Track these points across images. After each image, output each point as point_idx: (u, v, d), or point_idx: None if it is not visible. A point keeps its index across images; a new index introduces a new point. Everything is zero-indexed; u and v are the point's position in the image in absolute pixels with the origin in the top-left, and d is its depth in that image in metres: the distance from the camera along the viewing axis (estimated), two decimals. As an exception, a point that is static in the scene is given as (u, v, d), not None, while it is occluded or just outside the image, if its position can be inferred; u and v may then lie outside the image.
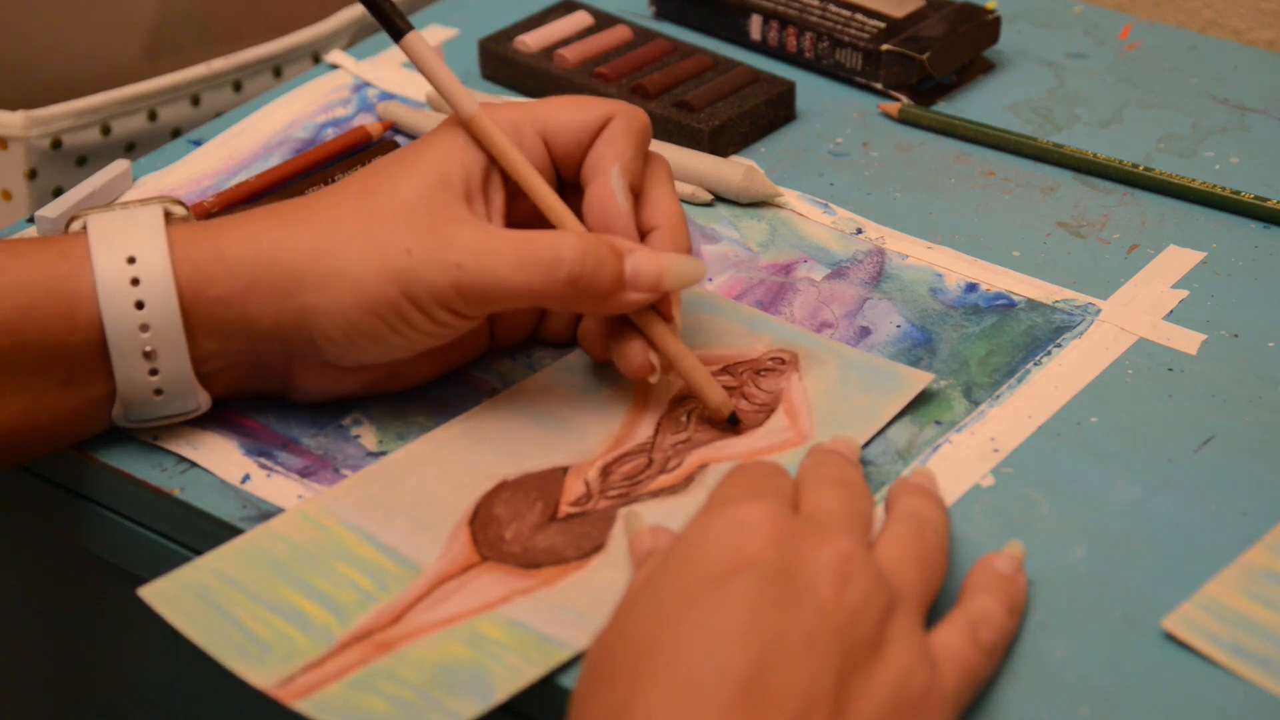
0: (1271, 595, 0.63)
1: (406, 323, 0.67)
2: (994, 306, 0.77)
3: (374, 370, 0.70)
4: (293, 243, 0.67)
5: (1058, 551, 0.65)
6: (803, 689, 0.54)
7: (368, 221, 0.67)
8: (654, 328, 0.70)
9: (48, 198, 0.96)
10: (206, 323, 0.67)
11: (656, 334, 0.70)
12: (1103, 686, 0.60)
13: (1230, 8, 1.07)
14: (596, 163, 0.70)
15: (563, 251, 0.67)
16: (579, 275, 0.67)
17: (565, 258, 0.67)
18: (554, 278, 0.67)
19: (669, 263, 0.69)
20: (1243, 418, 0.71)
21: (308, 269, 0.67)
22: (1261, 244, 0.80)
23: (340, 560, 0.65)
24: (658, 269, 0.68)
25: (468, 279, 0.66)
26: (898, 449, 0.70)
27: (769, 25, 0.93)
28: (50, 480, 0.72)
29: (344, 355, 0.68)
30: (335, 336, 0.67)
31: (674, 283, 0.69)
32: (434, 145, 0.69)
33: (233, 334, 0.68)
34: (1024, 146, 0.86)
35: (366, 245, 0.67)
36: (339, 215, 0.68)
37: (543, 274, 0.67)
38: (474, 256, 0.66)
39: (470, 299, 0.67)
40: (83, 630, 0.80)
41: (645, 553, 0.63)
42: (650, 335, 0.70)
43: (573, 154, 0.71)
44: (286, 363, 0.69)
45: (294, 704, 0.60)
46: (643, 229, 0.71)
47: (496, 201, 0.70)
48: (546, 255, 0.67)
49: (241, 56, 1.01)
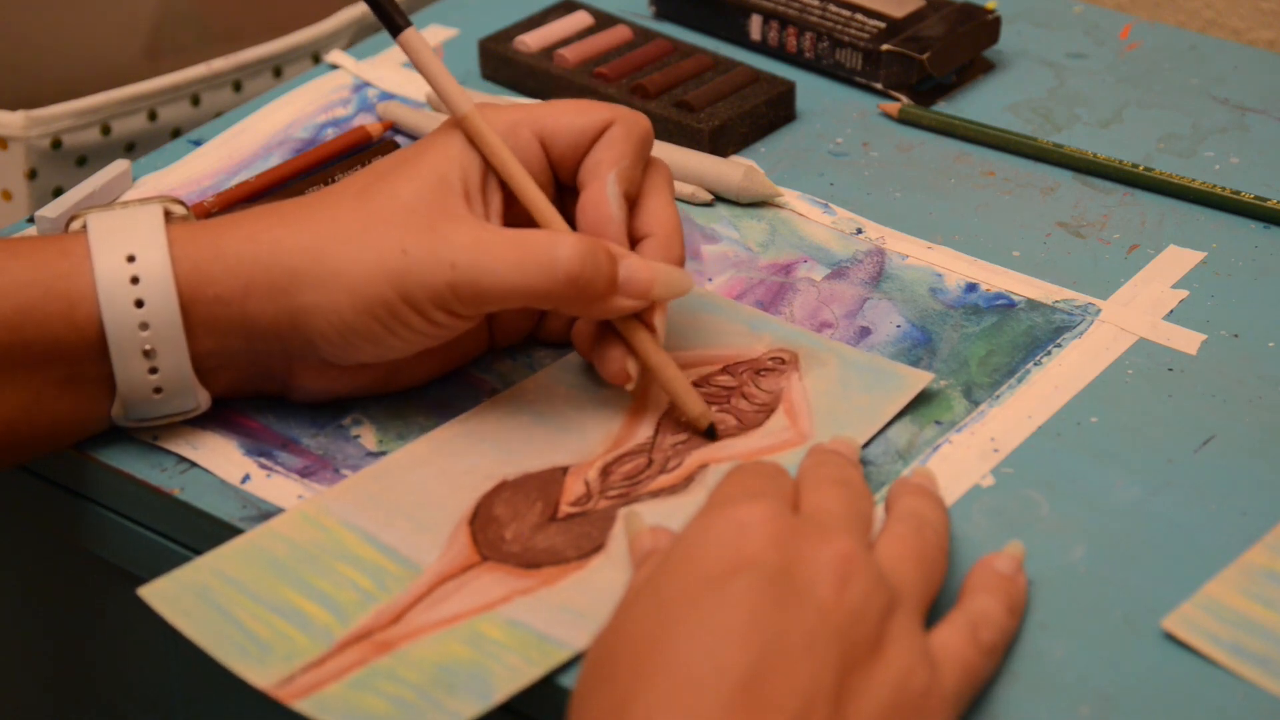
0: (1271, 595, 0.63)
1: (402, 323, 0.67)
2: (994, 306, 0.77)
3: (373, 370, 0.70)
4: (291, 242, 0.67)
5: (1058, 551, 0.65)
6: (803, 689, 0.54)
7: (366, 221, 0.67)
8: (637, 336, 0.69)
9: (48, 198, 0.96)
10: (205, 321, 0.67)
11: (639, 342, 0.69)
12: (1103, 686, 0.60)
13: (1230, 8, 1.07)
14: (593, 168, 0.70)
15: (559, 250, 0.67)
16: (576, 275, 0.67)
17: (561, 257, 0.67)
18: (550, 277, 0.67)
19: (660, 272, 0.69)
20: (1243, 418, 0.71)
21: (305, 269, 0.67)
22: (1261, 244, 0.80)
23: (340, 560, 0.65)
24: (649, 277, 0.68)
25: (462, 278, 0.66)
26: (898, 449, 0.70)
27: (769, 25, 0.93)
28: (50, 480, 0.72)
29: (341, 355, 0.68)
30: (331, 336, 0.67)
31: (664, 292, 0.69)
32: (433, 147, 0.69)
33: (231, 332, 0.68)
34: (1024, 146, 0.86)
35: (364, 245, 0.67)
36: (338, 215, 0.68)
37: (538, 274, 0.66)
38: (469, 255, 0.66)
39: (465, 299, 0.67)
40: (83, 630, 0.80)
41: (645, 553, 0.63)
42: (632, 343, 0.70)
43: (570, 158, 0.71)
44: (286, 362, 0.70)
45: (294, 704, 0.60)
46: (636, 236, 0.71)
47: (495, 203, 0.70)
48: (543, 255, 0.67)
49: (241, 56, 1.01)
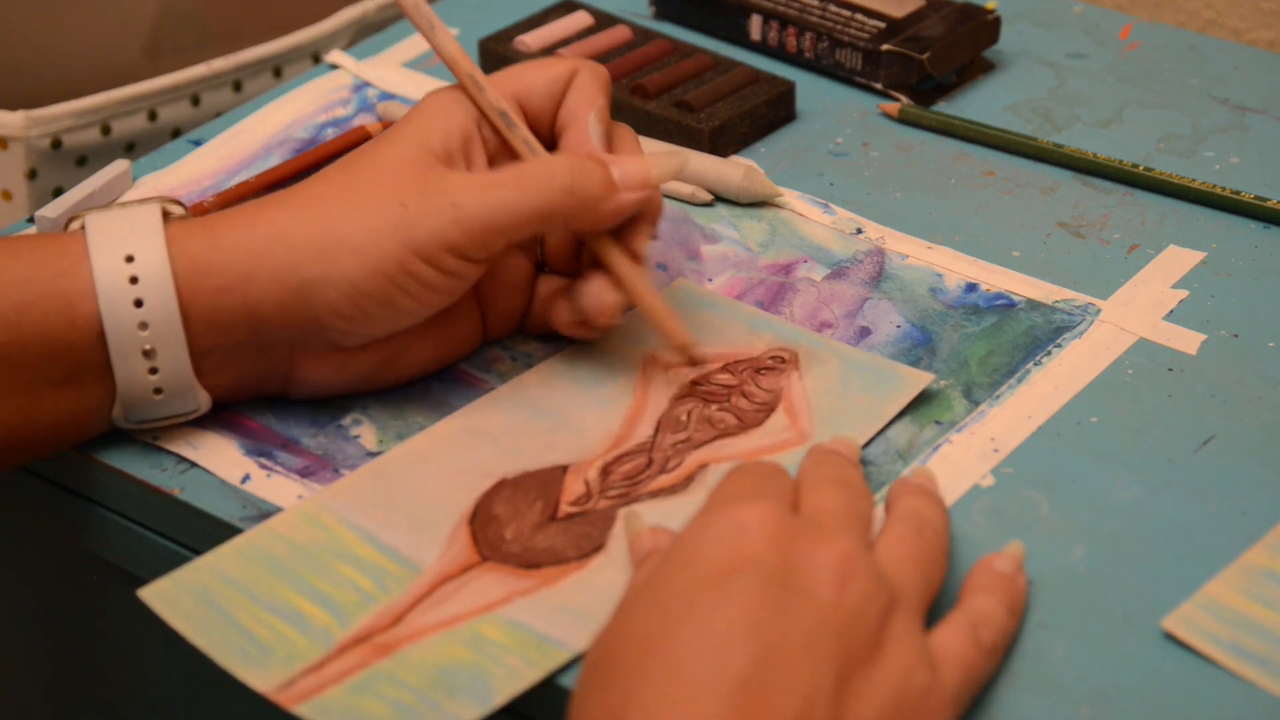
0: (1271, 595, 0.63)
1: (412, 277, 0.67)
2: (994, 306, 0.77)
3: (373, 355, 0.70)
4: (287, 222, 0.68)
5: (1058, 551, 0.65)
6: (802, 690, 0.54)
7: (356, 188, 0.68)
8: (620, 264, 0.70)
9: (48, 198, 0.96)
10: (207, 315, 0.67)
11: (623, 271, 0.70)
12: (1103, 686, 0.60)
13: (1230, 8, 1.07)
14: (573, 110, 0.72)
15: (553, 167, 0.69)
16: (571, 184, 0.68)
17: (556, 171, 0.69)
18: (549, 192, 0.68)
19: (653, 159, 0.71)
20: (1243, 418, 0.71)
21: (306, 244, 0.67)
22: (1261, 244, 0.80)
23: (340, 560, 0.65)
24: (643, 164, 0.70)
25: (466, 215, 0.67)
26: (898, 449, 0.70)
27: (769, 25, 0.93)
28: (50, 480, 0.72)
29: (351, 327, 0.68)
30: (342, 306, 0.67)
31: (663, 173, 0.71)
32: (411, 118, 0.71)
33: (234, 324, 0.68)
34: (1024, 146, 0.86)
35: (360, 209, 0.68)
36: (327, 191, 0.69)
37: (538, 193, 0.68)
38: (468, 194, 0.68)
39: (473, 235, 0.68)
40: (83, 630, 0.80)
41: (645, 552, 0.63)
42: (616, 271, 0.70)
43: (548, 109, 0.73)
44: (289, 353, 0.69)
45: (294, 708, 0.59)
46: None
47: (479, 163, 0.71)
48: (539, 175, 0.69)
49: (241, 56, 1.01)
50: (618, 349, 0.74)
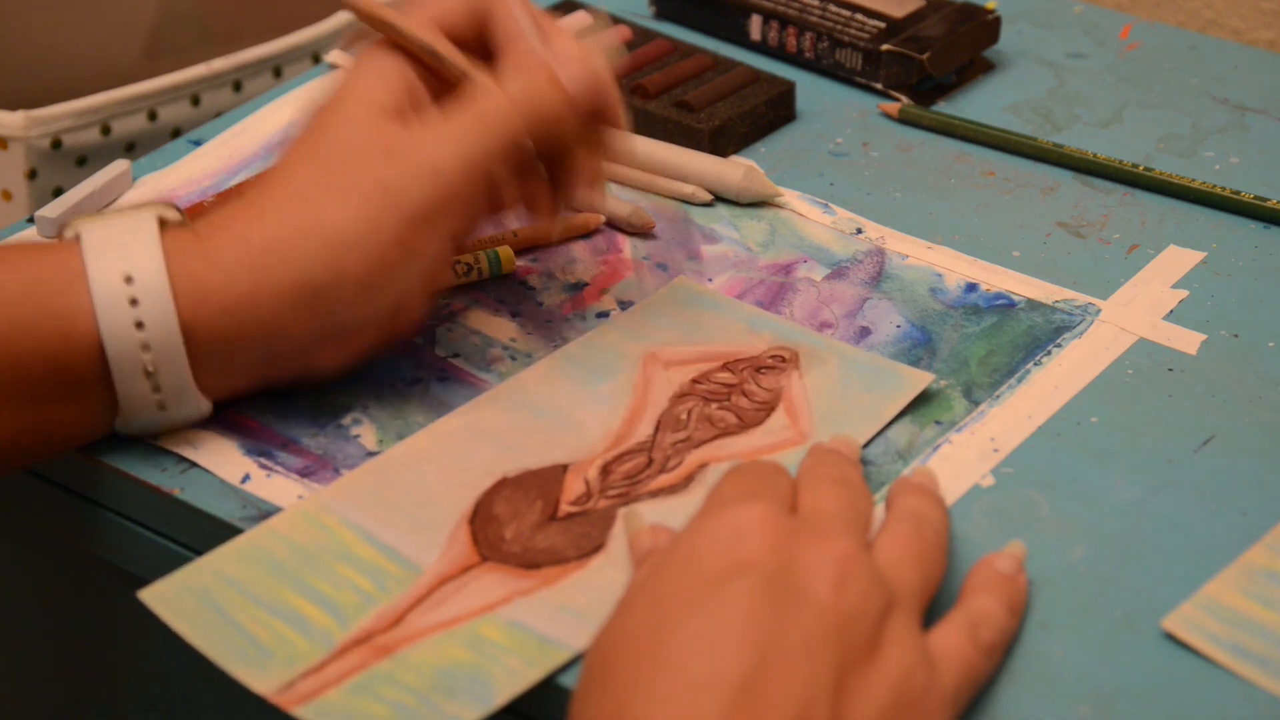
0: (1271, 595, 0.63)
1: (417, 248, 0.68)
2: (994, 306, 0.77)
3: (379, 313, 0.70)
4: (277, 230, 0.67)
5: (1058, 551, 0.65)
6: (801, 690, 0.54)
7: (332, 178, 0.68)
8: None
9: (48, 198, 0.96)
10: (210, 335, 0.67)
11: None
12: (1103, 686, 0.60)
13: (1230, 8, 1.07)
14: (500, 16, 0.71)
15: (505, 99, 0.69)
16: (529, 110, 0.69)
17: (513, 99, 0.69)
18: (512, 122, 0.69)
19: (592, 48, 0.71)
20: (1243, 418, 0.71)
21: (303, 252, 0.67)
22: (1261, 244, 0.80)
23: (340, 561, 0.65)
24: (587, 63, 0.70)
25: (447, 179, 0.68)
26: (898, 449, 0.70)
27: (769, 25, 0.93)
28: (51, 481, 0.72)
29: (369, 310, 0.68)
30: (354, 300, 0.67)
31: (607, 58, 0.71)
32: (352, 84, 0.70)
33: (240, 341, 0.67)
34: (1024, 146, 0.86)
35: (345, 202, 0.67)
36: (305, 187, 0.68)
37: (501, 124, 0.69)
38: (441, 150, 0.68)
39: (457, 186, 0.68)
40: (84, 630, 0.80)
41: (645, 552, 0.63)
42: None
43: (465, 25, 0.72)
44: (303, 351, 0.69)
45: (294, 710, 0.59)
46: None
47: (427, 104, 0.71)
48: (493, 106, 0.69)
49: (241, 56, 1.01)
50: (618, 347, 0.74)
